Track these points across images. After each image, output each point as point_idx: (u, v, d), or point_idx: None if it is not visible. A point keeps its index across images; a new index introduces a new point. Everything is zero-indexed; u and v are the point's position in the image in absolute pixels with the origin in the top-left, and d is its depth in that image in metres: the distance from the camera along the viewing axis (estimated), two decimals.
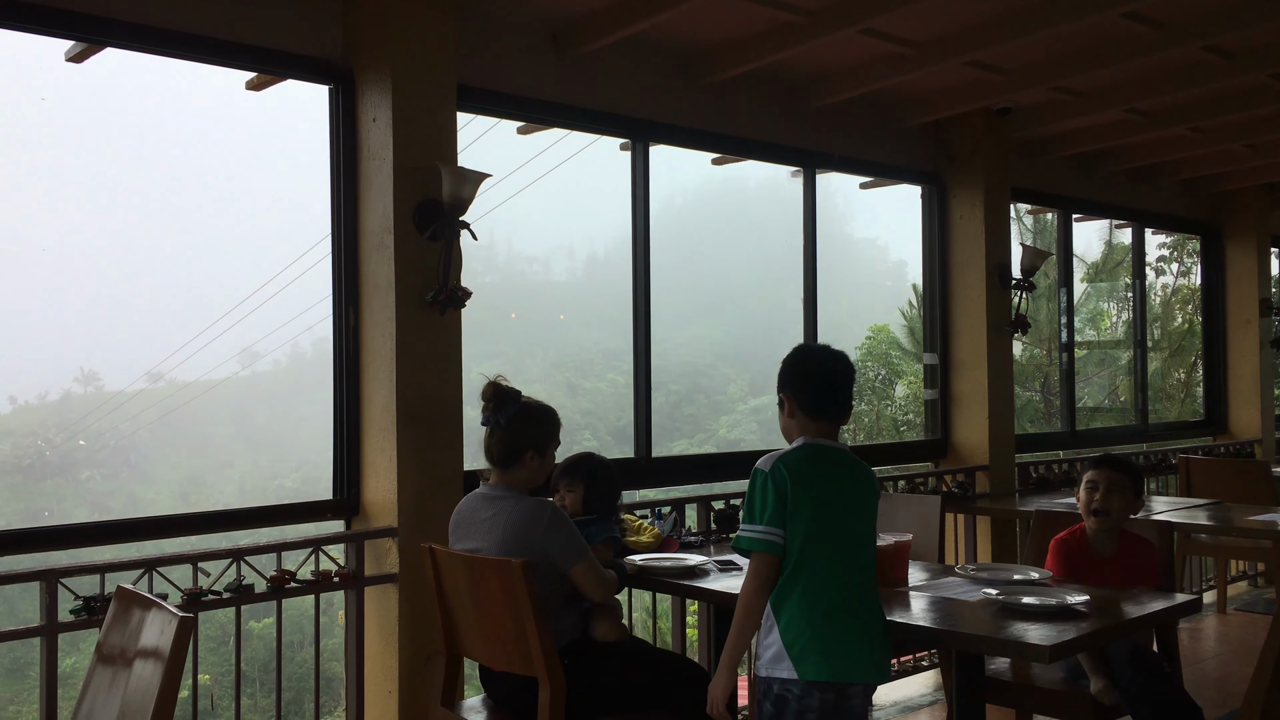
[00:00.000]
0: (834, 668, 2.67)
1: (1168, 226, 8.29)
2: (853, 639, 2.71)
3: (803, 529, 2.71)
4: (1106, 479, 3.67)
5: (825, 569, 2.72)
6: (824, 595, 2.70)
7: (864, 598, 2.77)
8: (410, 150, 3.79)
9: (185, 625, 2.31)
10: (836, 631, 2.69)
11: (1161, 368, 16.19)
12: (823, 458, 2.81)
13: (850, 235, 64.38)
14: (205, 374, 42.54)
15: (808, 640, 2.68)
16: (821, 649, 2.67)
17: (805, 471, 2.75)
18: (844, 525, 2.77)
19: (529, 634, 2.91)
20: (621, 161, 4.89)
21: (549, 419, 3.30)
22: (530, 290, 57.98)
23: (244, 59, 3.77)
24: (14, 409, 43.80)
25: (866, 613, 2.76)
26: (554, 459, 3.34)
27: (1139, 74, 5.35)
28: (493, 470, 3.26)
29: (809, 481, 2.74)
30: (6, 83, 22.32)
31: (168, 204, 62.37)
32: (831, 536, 2.74)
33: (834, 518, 2.75)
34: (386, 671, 3.78)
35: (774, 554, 2.73)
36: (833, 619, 2.70)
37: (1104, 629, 2.84)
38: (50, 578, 3.11)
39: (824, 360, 2.93)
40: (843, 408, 2.89)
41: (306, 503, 3.93)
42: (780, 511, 2.73)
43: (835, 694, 2.68)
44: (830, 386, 2.88)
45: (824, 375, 2.90)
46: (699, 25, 4.53)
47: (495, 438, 3.22)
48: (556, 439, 3.31)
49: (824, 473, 2.78)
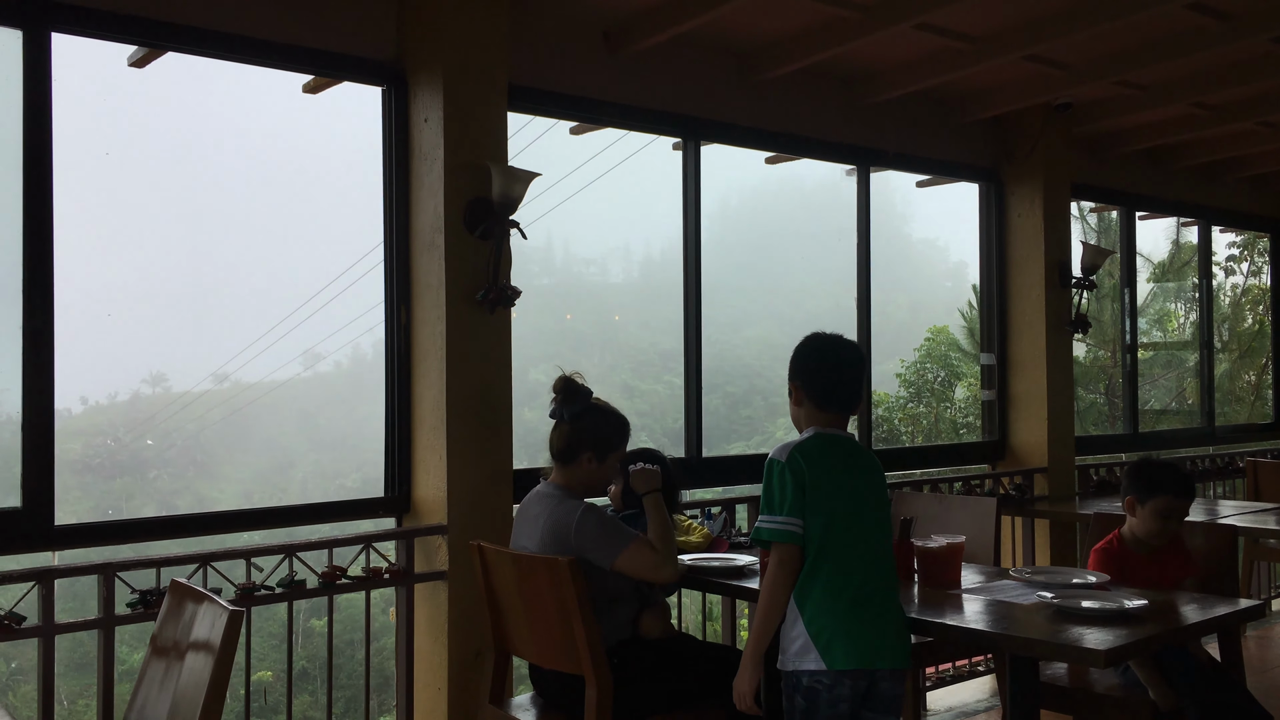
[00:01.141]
0: (863, 654, 2.69)
1: (1235, 224, 8.08)
2: (878, 625, 2.73)
3: (822, 518, 2.73)
4: (1184, 509, 3.49)
5: (847, 557, 2.74)
6: (848, 583, 2.72)
7: (885, 584, 2.79)
8: (461, 150, 3.81)
9: (235, 619, 2.34)
10: (862, 618, 2.71)
11: (1231, 369, 15.78)
12: (835, 447, 2.83)
13: (909, 236, 63.69)
14: (269, 375, 43.19)
15: (834, 630, 2.69)
16: (848, 637, 2.68)
17: (821, 460, 2.77)
18: (861, 513, 2.79)
19: (576, 632, 2.91)
20: (676, 162, 4.87)
21: (616, 425, 3.26)
22: (587, 292, 58.12)
23: (301, 62, 3.82)
24: (85, 409, 44.83)
25: (888, 599, 2.79)
26: (615, 468, 3.29)
27: (1204, 67, 5.22)
28: (552, 467, 3.26)
29: (825, 470, 2.76)
30: (72, 90, 23.35)
31: (230, 208, 63.51)
32: (851, 524, 2.76)
33: (851, 505, 2.78)
34: (436, 668, 3.80)
35: (796, 544, 2.73)
36: (858, 606, 2.71)
37: (1162, 633, 2.77)
38: (108, 571, 3.18)
39: (832, 350, 2.93)
40: (851, 398, 2.89)
41: (358, 500, 3.98)
42: (799, 501, 2.73)
43: (867, 681, 2.71)
44: (838, 376, 2.89)
45: (831, 365, 2.91)
46: (752, 21, 4.50)
47: (558, 431, 3.22)
48: (620, 449, 3.27)
49: (838, 461, 2.80)
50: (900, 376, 17.05)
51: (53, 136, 3.26)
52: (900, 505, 4.57)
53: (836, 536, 2.74)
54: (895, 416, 16.57)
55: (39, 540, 3.21)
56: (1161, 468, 3.54)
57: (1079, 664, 3.36)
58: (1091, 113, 5.88)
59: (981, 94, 5.57)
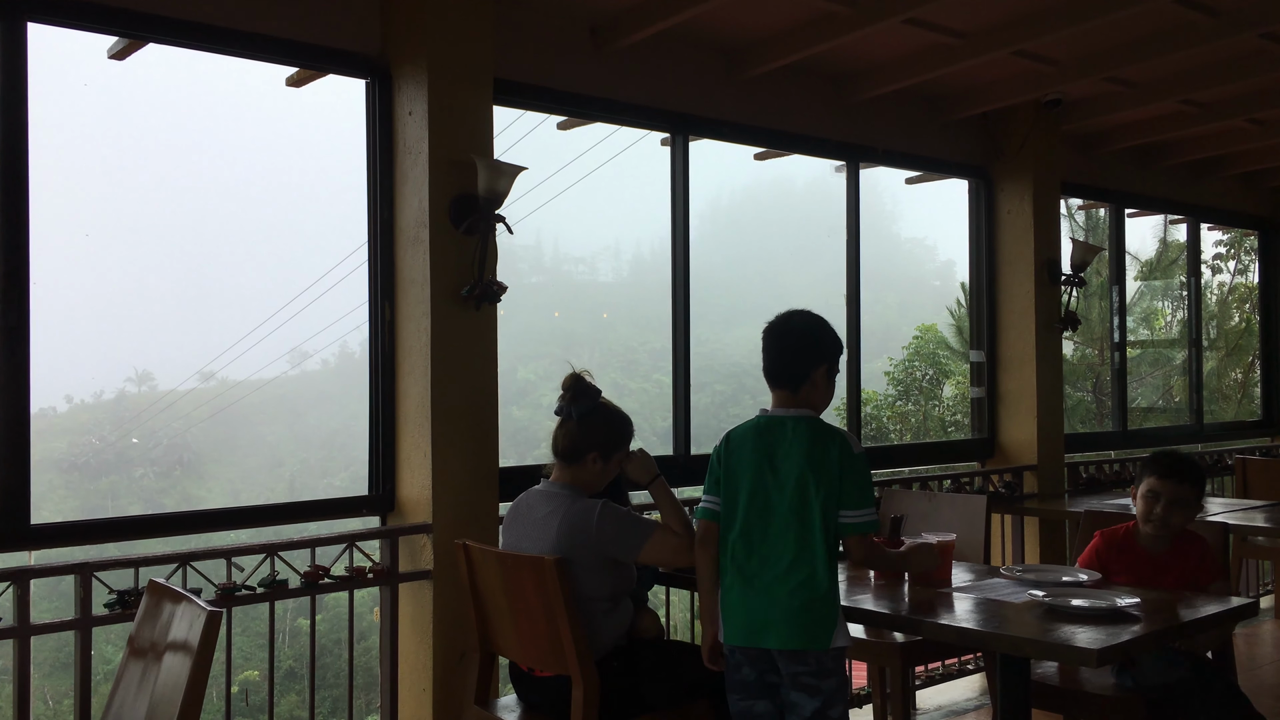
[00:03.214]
0: (749, 631, 2.77)
1: (1224, 221, 8.08)
2: (768, 603, 2.75)
3: (729, 497, 2.85)
4: (1171, 493, 3.40)
5: (748, 537, 2.81)
6: (746, 562, 2.80)
7: (787, 564, 2.75)
8: (446, 144, 3.76)
9: (213, 620, 2.30)
10: (751, 596, 2.77)
11: (1218, 367, 15.83)
12: (757, 428, 2.87)
13: (898, 235, 63.79)
14: (255, 373, 43.09)
15: (732, 605, 2.80)
16: (738, 612, 2.80)
17: (742, 442, 2.86)
18: (765, 493, 2.80)
19: (562, 632, 2.87)
20: (665, 160, 4.83)
21: (621, 426, 3.21)
22: (576, 291, 58.13)
23: (284, 53, 3.77)
24: (70, 408, 44.66)
25: (789, 579, 2.75)
26: (618, 467, 3.23)
27: (1195, 64, 5.20)
28: (555, 465, 3.20)
29: (742, 451, 2.85)
30: (50, 83, 22.62)
31: (215, 205, 63.27)
32: (754, 505, 2.80)
33: (756, 485, 2.81)
34: (421, 669, 3.75)
35: (707, 519, 2.89)
36: (748, 584, 2.78)
37: (1155, 633, 2.74)
38: (85, 571, 3.12)
39: (769, 327, 2.95)
40: (773, 371, 2.89)
41: (342, 498, 3.93)
42: (715, 480, 2.89)
43: (763, 657, 2.78)
44: (766, 350, 2.93)
45: (765, 342, 2.94)
46: (740, 16, 4.46)
47: (564, 430, 3.16)
48: (624, 449, 3.22)
49: (755, 442, 2.84)
50: (889, 375, 17.06)
51: (28, 129, 3.20)
52: (889, 503, 4.54)
53: (740, 516, 2.81)
54: (884, 414, 16.58)
55: (15, 540, 3.14)
56: (1162, 453, 3.53)
57: (1071, 664, 3.33)
58: (1081, 109, 5.86)
59: (971, 90, 5.54)
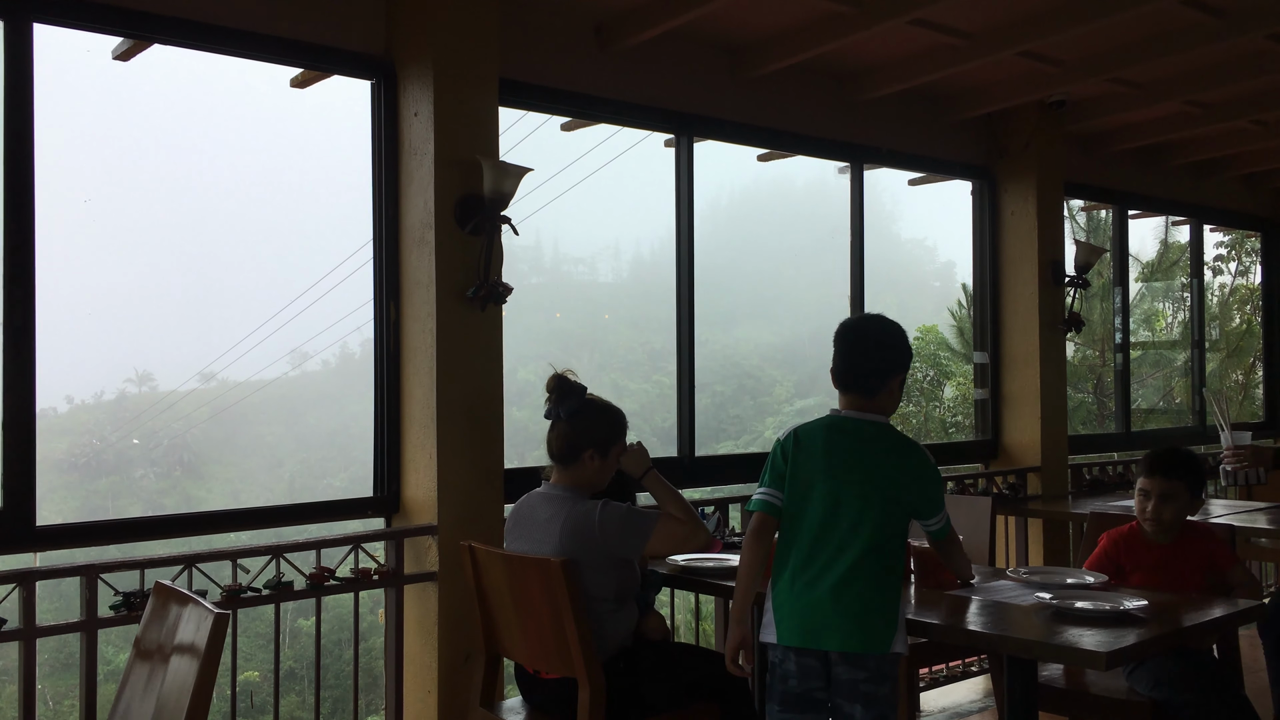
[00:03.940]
0: (806, 633, 2.70)
1: (1227, 222, 8.07)
2: (831, 605, 2.69)
3: (795, 495, 2.78)
4: (1158, 489, 3.44)
5: (814, 538, 2.74)
6: (809, 563, 2.73)
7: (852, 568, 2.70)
8: (452, 144, 3.75)
9: (221, 622, 2.29)
10: (814, 597, 2.70)
11: (1219, 369, 15.81)
12: (831, 429, 2.81)
13: (898, 236, 63.76)
14: (256, 374, 43.07)
15: (789, 605, 2.74)
16: (796, 613, 2.72)
17: (811, 441, 2.80)
18: (836, 495, 2.74)
19: (568, 634, 2.86)
20: (667, 161, 4.83)
21: (613, 419, 3.20)
22: (576, 291, 58.12)
23: (289, 54, 3.76)
24: (71, 408, 44.63)
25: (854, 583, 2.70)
26: (616, 462, 3.20)
27: (1199, 65, 5.19)
28: (553, 468, 3.19)
29: (811, 450, 2.79)
30: (54, 84, 22.55)
31: (218, 206, 63.30)
32: (824, 506, 2.74)
33: (828, 487, 2.75)
34: (425, 671, 3.74)
35: (766, 513, 2.80)
36: (812, 586, 2.71)
37: (1163, 635, 2.73)
38: (90, 573, 3.11)
39: (842, 332, 2.90)
40: (846, 377, 2.84)
41: (347, 500, 3.92)
42: (779, 475, 2.80)
43: (818, 661, 2.71)
44: (838, 355, 2.87)
45: (837, 347, 2.88)
46: (745, 16, 4.46)
47: (556, 432, 3.15)
48: (620, 441, 3.19)
49: (828, 443, 2.79)
50: None
51: (34, 129, 3.20)
52: None
53: (805, 516, 2.75)
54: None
55: (20, 541, 3.14)
56: (1151, 451, 3.56)
57: (1079, 666, 3.32)
58: (1085, 110, 5.85)
59: (975, 91, 5.53)
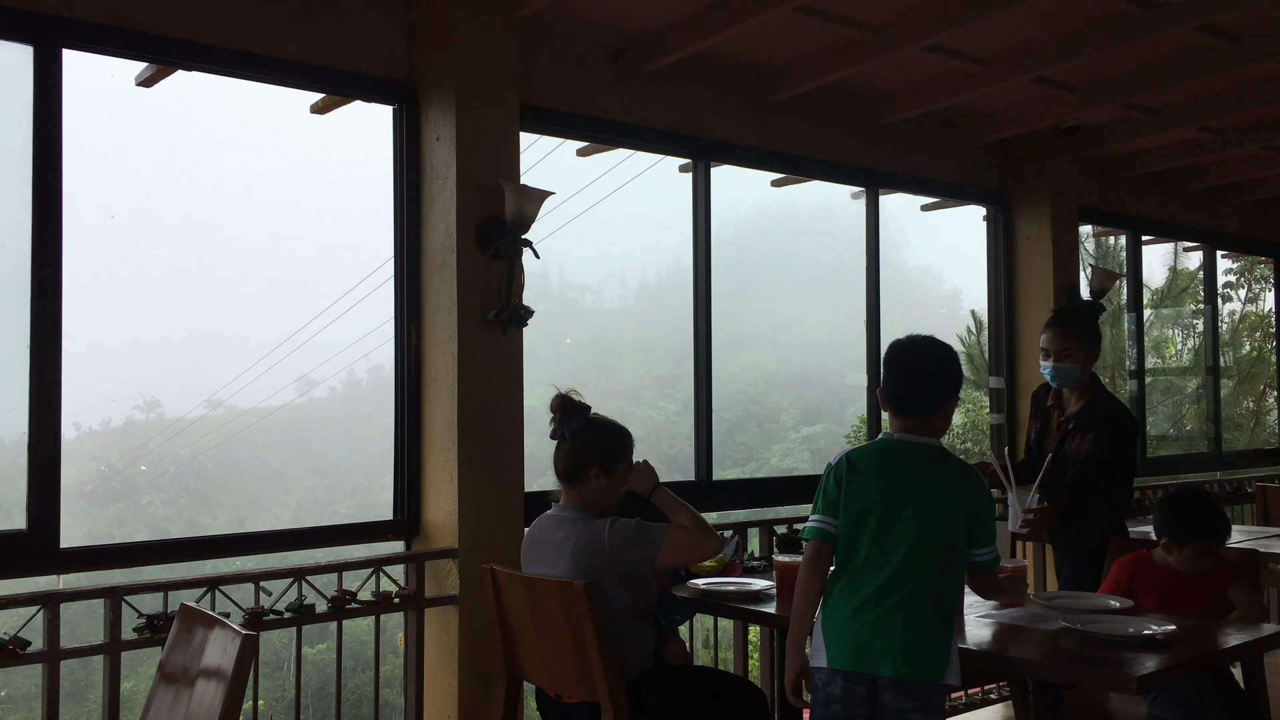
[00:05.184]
0: (858, 657, 2.63)
1: (1239, 249, 8.09)
2: (883, 631, 2.62)
3: (851, 521, 2.71)
4: (1220, 548, 3.38)
5: (869, 562, 2.68)
6: (861, 587, 2.66)
7: (908, 594, 2.64)
8: (473, 168, 3.77)
9: (249, 644, 2.28)
10: (865, 622, 2.64)
11: (1230, 396, 15.77)
12: (891, 453, 2.74)
13: (904, 263, 63.80)
14: (263, 401, 43.04)
15: (839, 629, 2.68)
16: (847, 637, 2.66)
17: (867, 466, 2.73)
18: (895, 521, 2.67)
19: (591, 657, 2.85)
20: (677, 188, 4.86)
21: (618, 437, 3.20)
22: (583, 318, 58.13)
23: (312, 79, 3.79)
24: (78, 435, 44.60)
25: (907, 609, 2.64)
26: (624, 480, 3.20)
27: (1213, 90, 5.22)
28: (561, 489, 3.19)
29: (868, 476, 2.71)
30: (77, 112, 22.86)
31: (227, 234, 63.62)
32: (881, 531, 2.67)
33: (884, 512, 2.68)
34: (446, 695, 3.73)
35: (823, 540, 2.73)
36: (865, 610, 2.65)
37: (1192, 659, 2.72)
38: (114, 595, 3.11)
39: (899, 351, 2.82)
40: (908, 400, 2.77)
41: (367, 523, 3.92)
42: (834, 501, 2.74)
43: (865, 687, 2.64)
44: (897, 378, 2.79)
45: (894, 368, 2.80)
46: (762, 42, 4.49)
47: (561, 451, 3.15)
48: (626, 459, 3.19)
49: (885, 468, 2.72)
50: None
51: (62, 153, 3.22)
52: None
53: (862, 541, 2.69)
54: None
55: (44, 563, 3.14)
56: (1197, 511, 3.39)
57: (1109, 690, 3.29)
58: (1099, 136, 5.87)
59: (990, 116, 5.56)
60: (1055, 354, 3.83)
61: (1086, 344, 3.83)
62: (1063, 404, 3.97)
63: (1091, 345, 3.84)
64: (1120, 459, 3.81)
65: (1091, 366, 3.88)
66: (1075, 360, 3.82)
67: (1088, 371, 3.87)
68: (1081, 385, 3.89)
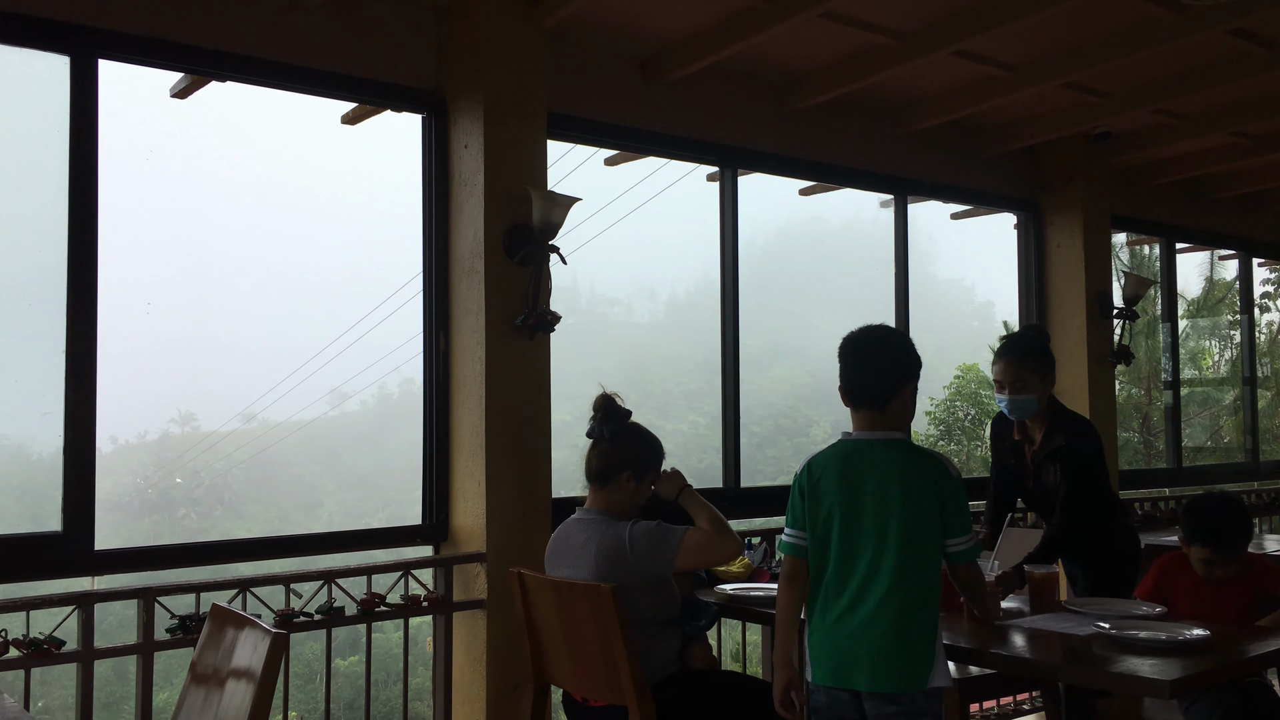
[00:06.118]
0: (837, 672, 2.61)
1: (1275, 256, 7.98)
2: (857, 642, 2.59)
3: (818, 530, 2.67)
4: (1225, 562, 3.31)
5: (838, 571, 2.64)
6: (837, 598, 2.63)
7: (880, 601, 2.58)
8: (501, 176, 3.80)
9: (279, 643, 2.30)
10: (841, 634, 2.61)
11: (1266, 407, 15.54)
12: (843, 455, 2.69)
13: (935, 276, 63.42)
14: (295, 414, 43.32)
15: (820, 643, 2.66)
16: (826, 651, 2.64)
17: (826, 471, 2.68)
18: (858, 525, 2.62)
19: (618, 661, 2.85)
20: (705, 200, 4.87)
21: (653, 446, 3.22)
22: (612, 332, 58.17)
23: (343, 89, 3.85)
24: (115, 448, 45.07)
25: (882, 617, 2.58)
26: (649, 490, 3.22)
27: (1245, 95, 5.17)
28: (588, 489, 3.20)
29: (827, 481, 2.67)
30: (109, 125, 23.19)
31: (257, 248, 64.30)
32: (845, 537, 2.63)
33: (849, 517, 2.63)
34: (474, 699, 3.74)
35: (796, 556, 2.71)
36: (840, 622, 2.62)
37: (1226, 665, 2.68)
38: (148, 596, 3.15)
39: (849, 342, 2.75)
40: (858, 390, 2.69)
41: (396, 527, 3.95)
42: (801, 513, 2.71)
43: (849, 699, 2.61)
44: (847, 368, 2.72)
45: (844, 359, 2.74)
46: (789, 50, 4.49)
47: (596, 450, 3.17)
48: (656, 469, 3.22)
49: (843, 470, 2.67)
50: (930, 414, 16.91)
51: (99, 163, 3.28)
52: None
53: (830, 551, 2.65)
54: None
55: (79, 565, 3.19)
56: (1204, 516, 3.34)
57: (1142, 695, 3.25)
58: (1130, 142, 5.83)
59: (1019, 123, 5.53)
60: (1010, 386, 3.61)
61: (1040, 372, 3.61)
62: (1029, 434, 3.77)
63: (1046, 373, 3.63)
64: (1087, 482, 3.63)
65: (1049, 393, 3.67)
66: (1030, 391, 3.59)
67: (1044, 400, 3.65)
68: (1040, 412, 3.68)
